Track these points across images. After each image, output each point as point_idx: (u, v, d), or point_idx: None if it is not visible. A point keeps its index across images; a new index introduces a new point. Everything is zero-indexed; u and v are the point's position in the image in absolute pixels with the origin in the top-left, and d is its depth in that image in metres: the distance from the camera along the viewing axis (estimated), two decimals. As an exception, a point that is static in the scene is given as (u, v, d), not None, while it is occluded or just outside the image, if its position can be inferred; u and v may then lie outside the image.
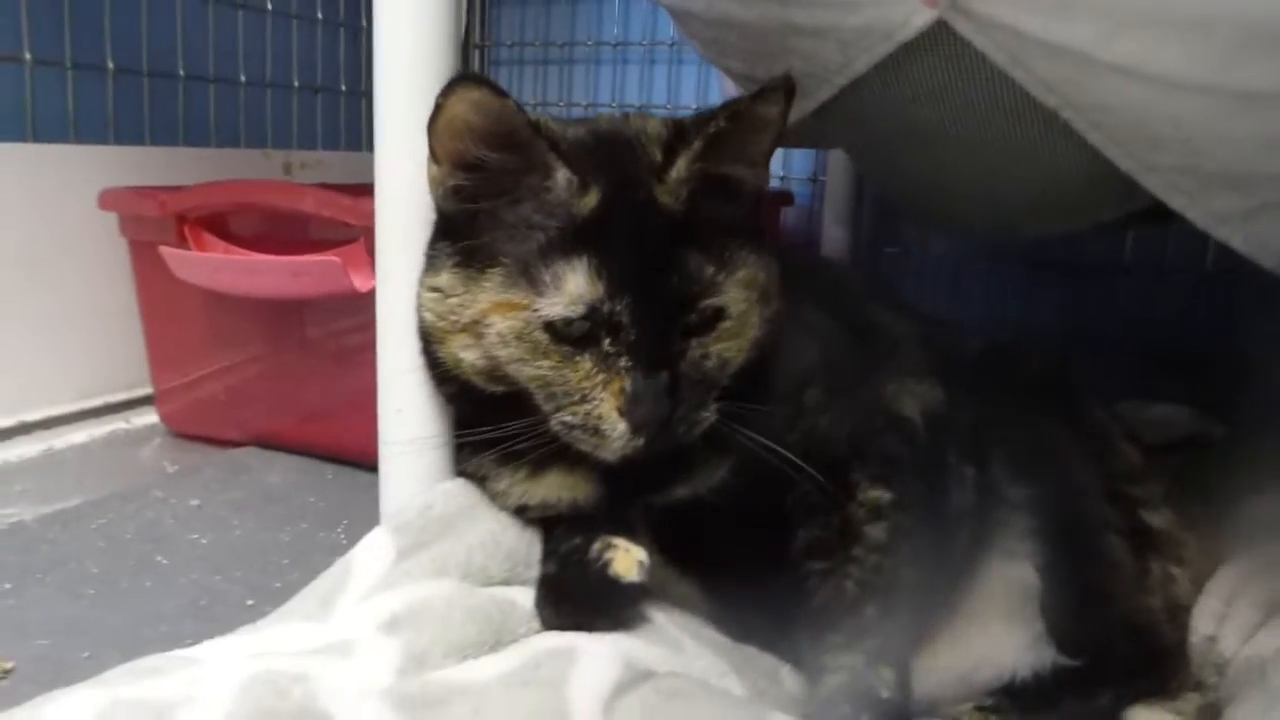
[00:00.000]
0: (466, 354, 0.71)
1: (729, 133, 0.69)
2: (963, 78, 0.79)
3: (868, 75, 0.82)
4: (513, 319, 0.68)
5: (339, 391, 1.30)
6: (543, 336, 0.68)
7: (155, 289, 1.40)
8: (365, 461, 1.21)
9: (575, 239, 0.67)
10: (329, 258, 1.14)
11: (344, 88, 1.94)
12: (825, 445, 0.78)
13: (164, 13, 1.57)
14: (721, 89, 1.55)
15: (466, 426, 0.77)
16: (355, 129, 1.96)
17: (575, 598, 0.74)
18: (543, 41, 2.04)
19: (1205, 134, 0.74)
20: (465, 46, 2.03)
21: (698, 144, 0.68)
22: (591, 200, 0.68)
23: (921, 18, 0.75)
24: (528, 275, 0.67)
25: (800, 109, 0.91)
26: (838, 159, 1.75)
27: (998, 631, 0.82)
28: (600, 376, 0.68)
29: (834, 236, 1.73)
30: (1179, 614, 0.83)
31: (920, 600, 0.79)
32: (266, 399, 1.38)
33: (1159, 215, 0.90)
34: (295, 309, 1.32)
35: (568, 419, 0.69)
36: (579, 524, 0.77)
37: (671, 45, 1.93)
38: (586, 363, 0.68)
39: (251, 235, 1.32)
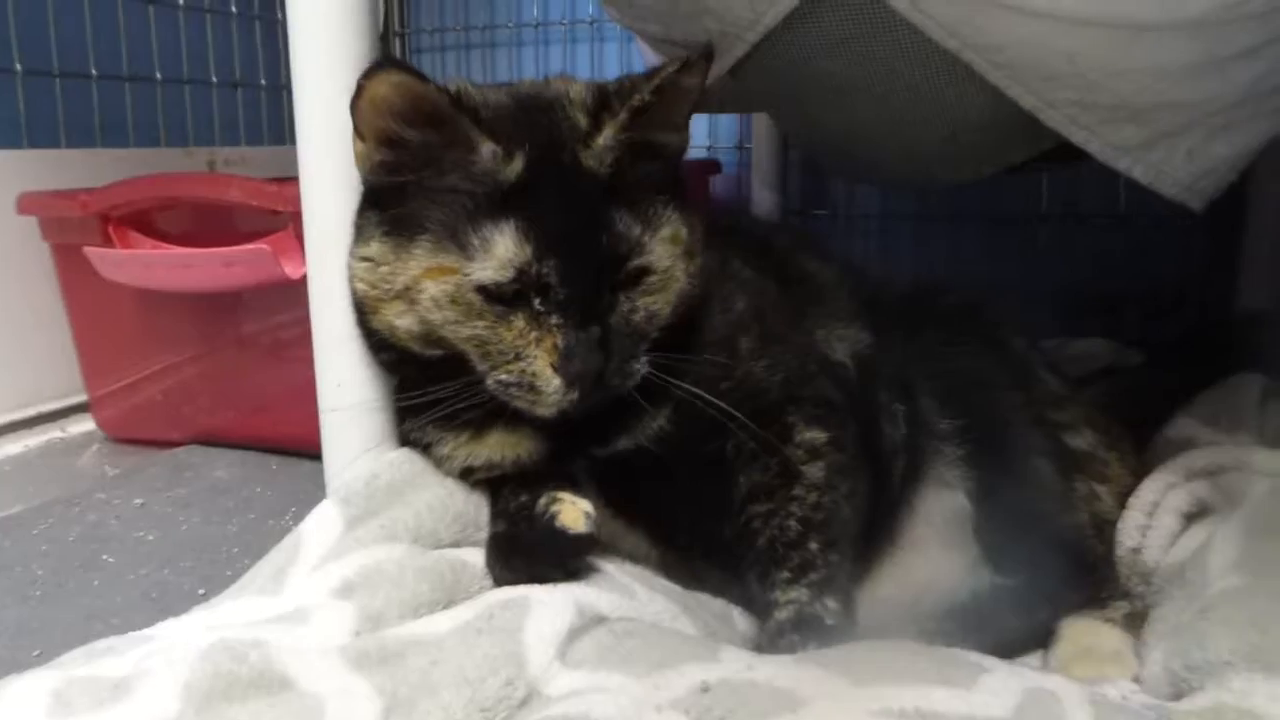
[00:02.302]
0: (401, 320, 0.72)
1: (654, 103, 0.71)
2: (867, 27, 0.82)
3: (777, 29, 0.85)
4: (444, 283, 0.69)
5: (278, 383, 1.30)
6: (475, 298, 0.69)
7: (82, 293, 1.38)
8: (309, 450, 1.20)
9: (502, 204, 0.69)
10: (260, 246, 1.14)
11: (264, 82, 1.92)
12: (761, 391, 0.81)
13: (72, 12, 1.53)
14: (645, 64, 1.56)
15: (406, 393, 0.79)
16: (278, 123, 1.94)
17: (525, 552, 0.75)
18: (463, 26, 2.03)
19: (1099, 67, 0.78)
20: (385, 34, 2.02)
21: (623, 115, 0.70)
22: (516, 167, 0.69)
23: (823, -32, 0.77)
24: (456, 240, 0.69)
25: (717, 67, 0.93)
26: (763, 126, 1.78)
27: (937, 558, 0.86)
28: (533, 334, 0.69)
29: (762, 201, 1.76)
30: (1105, 529, 0.87)
31: (860, 533, 0.82)
32: (205, 397, 1.37)
33: (1068, 155, 0.93)
34: (228, 304, 1.30)
35: (504, 377, 0.70)
36: (524, 483, 0.79)
37: (592, 23, 1.93)
38: (519, 321, 0.69)
39: (177, 232, 1.31)
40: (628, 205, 0.71)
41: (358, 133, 0.73)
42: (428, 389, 0.74)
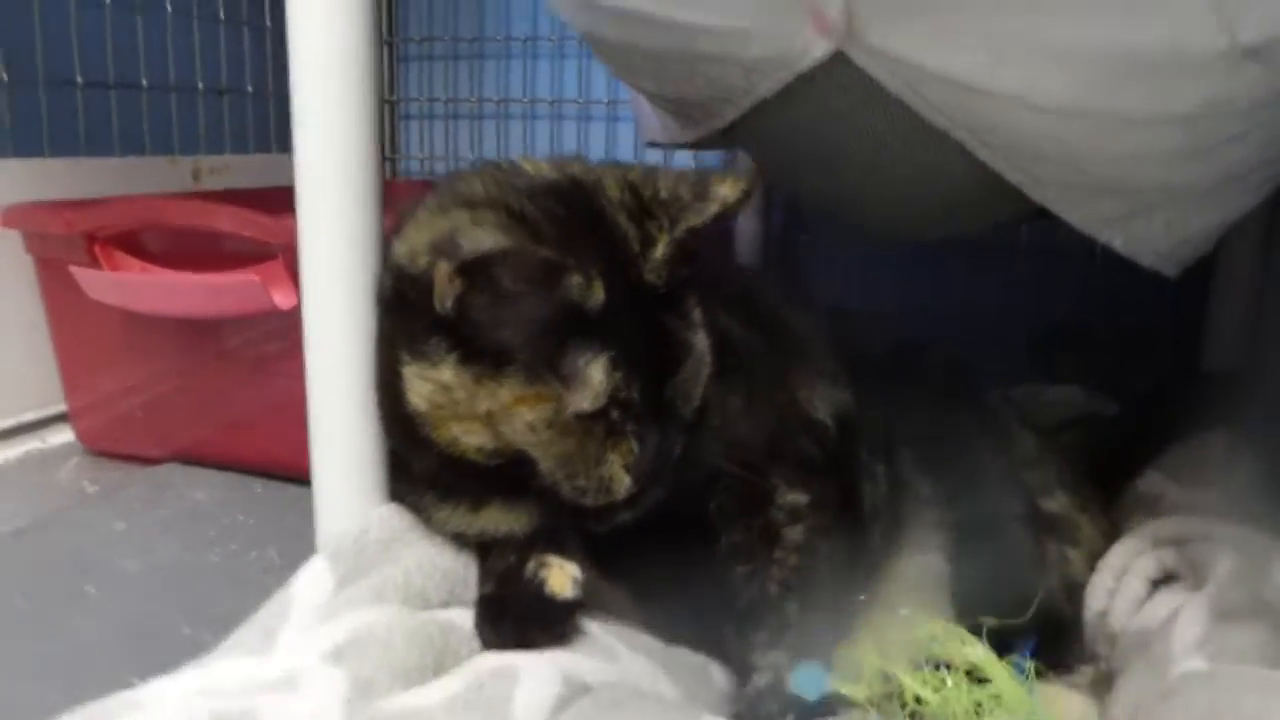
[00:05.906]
0: (470, 437, 0.73)
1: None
2: (861, 103, 0.83)
3: (771, 99, 0.86)
4: (542, 409, 0.70)
5: (262, 403, 1.30)
6: (571, 418, 0.71)
7: (65, 306, 1.37)
8: (294, 474, 1.21)
9: (588, 331, 0.70)
10: (249, 276, 1.14)
11: (250, 89, 1.90)
12: (744, 452, 0.83)
13: (57, 18, 1.51)
14: (629, 96, 1.57)
15: (433, 476, 0.81)
16: (264, 131, 1.93)
17: (513, 617, 0.76)
18: (452, 37, 2.03)
19: (1088, 154, 0.80)
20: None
21: (681, 234, 0.72)
22: (598, 295, 0.69)
23: (820, 49, 0.78)
24: (551, 368, 0.70)
25: (707, 127, 0.94)
26: (747, 154, 1.78)
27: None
28: (609, 441, 0.72)
29: (746, 228, 1.76)
30: (1074, 591, 0.89)
31: (839, 595, 0.84)
32: (187, 413, 1.36)
33: (1049, 212, 0.95)
34: (211, 321, 1.30)
35: (582, 483, 0.72)
36: (514, 543, 0.80)
37: (582, 41, 1.93)
38: (600, 432, 0.72)
39: (163, 251, 1.30)
40: (674, 307, 0.74)
41: (455, 271, 0.70)
42: (466, 484, 0.79)
